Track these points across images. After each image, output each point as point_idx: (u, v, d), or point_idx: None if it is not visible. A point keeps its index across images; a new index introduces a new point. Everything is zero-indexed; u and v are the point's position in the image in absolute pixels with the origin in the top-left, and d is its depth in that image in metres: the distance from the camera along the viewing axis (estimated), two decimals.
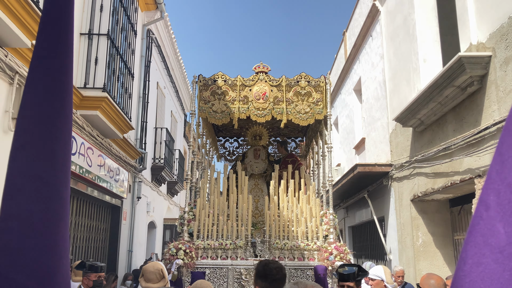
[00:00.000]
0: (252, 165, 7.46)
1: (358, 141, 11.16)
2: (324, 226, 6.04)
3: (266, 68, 6.64)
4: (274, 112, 6.34)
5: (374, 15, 9.69)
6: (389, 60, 8.68)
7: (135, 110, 9.81)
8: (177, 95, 15.89)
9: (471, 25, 5.55)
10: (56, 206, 0.89)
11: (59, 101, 0.93)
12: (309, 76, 6.56)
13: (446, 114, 6.22)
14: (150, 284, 4.22)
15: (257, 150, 7.57)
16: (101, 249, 8.66)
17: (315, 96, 6.44)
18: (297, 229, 5.98)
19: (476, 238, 0.72)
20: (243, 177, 6.42)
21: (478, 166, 5.33)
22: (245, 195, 6.18)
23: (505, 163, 0.71)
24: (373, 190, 9.44)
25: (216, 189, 6.40)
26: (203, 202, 6.19)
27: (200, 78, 6.53)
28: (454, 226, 7.37)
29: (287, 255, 5.79)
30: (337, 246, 5.67)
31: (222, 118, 6.38)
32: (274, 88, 6.45)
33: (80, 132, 6.58)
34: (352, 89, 12.14)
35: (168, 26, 12.54)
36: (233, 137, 8.55)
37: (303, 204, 6.16)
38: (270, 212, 6.07)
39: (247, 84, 6.46)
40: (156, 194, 12.88)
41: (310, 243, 5.83)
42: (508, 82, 4.68)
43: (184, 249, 5.56)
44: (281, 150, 8.22)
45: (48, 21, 0.94)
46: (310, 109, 6.42)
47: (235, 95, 6.41)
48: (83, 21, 6.81)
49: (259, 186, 7.43)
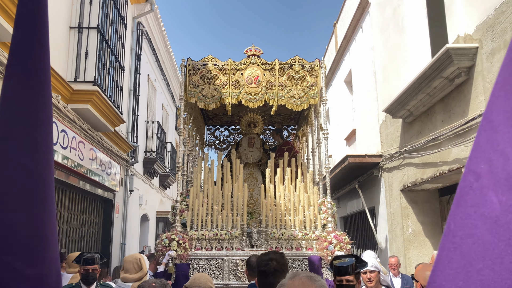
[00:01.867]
0: (246, 153, 7.28)
1: (349, 132, 11.25)
2: (322, 214, 5.90)
3: (258, 51, 6.40)
4: (267, 97, 6.13)
5: (364, 7, 9.74)
6: (379, 52, 8.74)
7: (126, 103, 9.79)
8: (168, 88, 15.85)
9: (458, 17, 5.62)
10: (41, 192, 0.93)
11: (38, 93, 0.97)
12: (303, 59, 6.33)
13: (434, 105, 6.31)
14: (127, 275, 4.14)
15: (251, 138, 7.39)
16: (94, 243, 8.68)
17: (309, 80, 6.24)
18: (295, 218, 5.84)
19: (466, 209, 0.68)
20: (238, 165, 6.25)
21: (466, 156, 5.42)
22: (240, 184, 6.02)
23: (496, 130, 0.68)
24: (364, 180, 9.54)
25: (210, 178, 6.23)
26: (197, 192, 5.99)
27: (189, 61, 6.27)
28: (444, 215, 7.49)
29: (285, 245, 5.64)
30: (336, 235, 5.51)
31: (212, 103, 6.14)
32: (266, 72, 6.22)
33: (71, 125, 6.58)
34: (343, 80, 12.20)
35: (158, 18, 12.48)
36: (223, 126, 8.31)
37: (301, 192, 6.01)
38: (266, 201, 5.91)
39: (239, 68, 6.22)
40: (149, 187, 12.90)
41: (308, 233, 5.69)
42: (495, 73, 4.76)
43: (177, 240, 5.36)
44: (277, 138, 8.03)
45: (23, 17, 0.97)
46: (304, 93, 6.21)
47: (226, 79, 6.18)
48: (73, 14, 6.78)
49: (254, 175, 7.26)
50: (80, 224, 7.90)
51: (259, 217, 6.17)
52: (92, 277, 4.14)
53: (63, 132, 6.17)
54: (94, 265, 4.14)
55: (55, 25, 6.12)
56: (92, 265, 4.13)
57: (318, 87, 6.25)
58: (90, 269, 4.11)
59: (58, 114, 6.11)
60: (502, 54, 4.61)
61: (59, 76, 6.03)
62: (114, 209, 9.34)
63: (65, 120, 6.36)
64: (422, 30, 7.04)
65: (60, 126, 6.10)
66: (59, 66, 6.23)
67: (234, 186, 6.03)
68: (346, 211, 11.79)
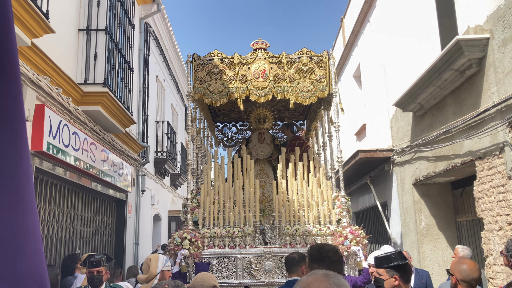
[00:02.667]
0: (257, 149, 7.15)
1: (359, 127, 11.19)
2: (336, 209, 5.79)
3: (265, 44, 6.23)
4: (275, 91, 5.97)
5: (371, 1, 9.66)
6: (388, 46, 8.67)
7: (136, 104, 9.85)
8: (177, 88, 15.90)
9: (468, 8, 5.55)
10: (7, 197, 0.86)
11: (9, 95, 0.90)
12: (311, 51, 6.14)
13: (445, 97, 6.24)
14: (140, 275, 4.22)
15: (261, 134, 7.25)
16: (107, 243, 8.75)
17: (318, 72, 6.07)
18: (308, 213, 5.71)
19: None
20: (248, 161, 6.14)
21: (479, 148, 5.37)
22: (251, 180, 5.89)
23: None
24: (375, 175, 9.49)
25: (220, 175, 6.13)
26: (208, 189, 5.86)
27: (194, 57, 6.13)
28: (457, 208, 7.43)
29: (299, 241, 5.53)
30: (352, 230, 5.42)
31: (219, 99, 6.00)
32: (274, 65, 6.06)
33: (82, 128, 6.63)
34: (351, 75, 12.13)
35: (165, 18, 12.51)
36: (231, 122, 8.16)
37: (314, 187, 5.88)
38: (278, 196, 5.79)
39: (245, 62, 6.07)
40: (160, 186, 12.96)
41: (323, 228, 5.58)
42: (507, 64, 4.70)
43: (190, 239, 5.25)
44: (287, 133, 7.85)
45: None
46: (313, 86, 6.05)
47: (232, 74, 6.03)
48: (81, 17, 6.83)
49: (265, 171, 7.13)
50: (94, 225, 7.97)
51: (272, 214, 6.07)
52: (98, 279, 4.10)
53: (74, 134, 6.22)
54: (99, 267, 4.11)
55: (64, 28, 6.16)
56: (96, 267, 4.09)
57: (327, 79, 6.09)
58: (95, 272, 4.09)
59: (69, 116, 6.16)
60: None
61: (69, 78, 6.07)
62: (127, 210, 9.41)
63: (76, 122, 6.41)
64: (431, 22, 6.97)
65: (72, 129, 6.15)
66: (69, 68, 6.27)
67: (246, 182, 5.93)
68: (358, 207, 11.74)
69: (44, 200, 5.98)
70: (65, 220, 6.67)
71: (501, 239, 4.93)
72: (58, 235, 6.45)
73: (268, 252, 5.41)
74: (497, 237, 5.03)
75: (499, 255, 4.89)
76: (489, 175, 5.17)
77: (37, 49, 5.13)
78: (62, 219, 6.58)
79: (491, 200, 5.13)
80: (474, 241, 6.69)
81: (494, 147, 5.02)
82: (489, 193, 5.19)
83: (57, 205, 6.39)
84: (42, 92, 5.33)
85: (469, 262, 2.97)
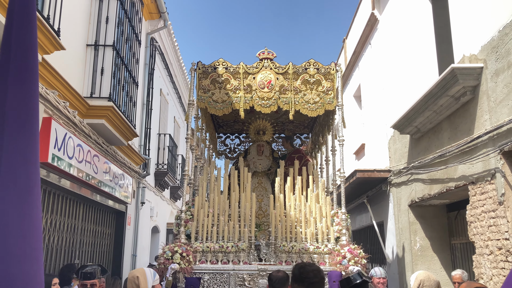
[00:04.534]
0: (255, 162, 6.99)
1: (358, 146, 11.34)
2: (335, 227, 5.62)
3: (271, 54, 6.13)
4: (280, 102, 5.85)
5: (373, 24, 9.89)
6: (387, 68, 8.87)
7: (139, 117, 10.03)
8: (180, 101, 16.12)
9: (464, 37, 5.75)
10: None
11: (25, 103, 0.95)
12: (318, 63, 6.06)
13: (441, 122, 6.40)
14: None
15: (260, 146, 7.11)
16: (106, 254, 8.85)
17: (325, 84, 5.97)
18: (306, 230, 5.53)
19: None
20: (245, 173, 5.99)
21: (472, 173, 5.51)
22: (248, 193, 5.73)
23: None
24: (373, 195, 9.61)
25: (216, 187, 5.93)
26: (202, 201, 5.67)
27: (199, 65, 6.03)
28: (451, 230, 7.53)
29: (295, 259, 5.32)
30: (350, 249, 5.24)
31: (223, 108, 5.89)
32: (280, 76, 5.96)
33: (86, 140, 6.79)
34: (352, 95, 12.33)
35: (171, 34, 12.77)
36: (234, 134, 8.01)
37: (312, 202, 5.71)
38: (275, 211, 5.60)
39: (251, 71, 5.97)
40: (160, 199, 13.08)
41: (321, 246, 5.41)
42: (499, 93, 4.87)
43: (181, 252, 5.07)
44: (287, 146, 7.72)
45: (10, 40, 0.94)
46: (319, 98, 5.94)
47: (237, 84, 5.92)
48: (90, 32, 7.04)
49: (263, 185, 6.95)
50: (93, 235, 8.08)
51: (268, 229, 5.92)
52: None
53: (79, 147, 6.38)
54: (93, 279, 3.78)
55: (73, 42, 6.36)
56: (90, 280, 3.76)
57: (334, 92, 5.98)
58: (88, 285, 3.75)
59: (74, 129, 6.33)
60: (506, 74, 4.72)
61: (75, 92, 6.26)
62: (126, 221, 9.52)
63: (80, 135, 6.57)
64: (429, 48, 7.17)
65: (76, 141, 6.31)
66: (76, 82, 6.46)
67: (242, 195, 5.75)
68: (355, 225, 11.83)
69: (47, 210, 6.11)
70: (65, 230, 6.79)
71: (491, 263, 5.04)
72: (58, 244, 6.56)
73: (262, 269, 5.23)
74: (487, 261, 5.14)
75: (489, 279, 5.00)
76: (481, 200, 5.30)
77: (47, 64, 5.32)
78: (63, 229, 6.70)
79: (483, 225, 5.26)
80: (467, 264, 6.79)
81: (486, 173, 5.16)
82: (480, 217, 5.32)
83: (58, 215, 6.52)
84: (50, 105, 5.50)
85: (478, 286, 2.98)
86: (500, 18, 4.85)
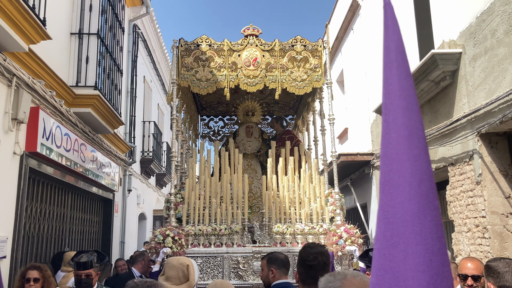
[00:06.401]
0: (244, 143, 6.85)
1: (342, 131, 11.55)
2: (329, 207, 5.49)
3: (256, 30, 5.93)
4: (267, 80, 5.66)
5: (355, 9, 10.02)
6: (369, 53, 9.03)
7: (124, 105, 10.02)
8: (163, 88, 16.06)
9: (443, 23, 5.92)
10: None
11: None
12: (305, 39, 5.87)
13: (422, 106, 6.60)
14: (168, 284, 3.07)
15: (249, 128, 6.96)
16: (94, 241, 8.92)
17: (312, 61, 5.79)
18: (300, 211, 5.39)
19: None
20: (236, 154, 5.80)
21: (451, 155, 5.73)
22: (239, 175, 5.56)
23: None
24: (356, 178, 9.85)
25: (206, 169, 5.76)
26: (193, 184, 5.47)
27: (181, 42, 5.80)
28: None
29: (290, 240, 5.21)
30: (347, 228, 5.11)
31: (207, 87, 5.67)
32: (266, 53, 5.75)
33: (73, 129, 6.80)
34: (335, 80, 12.49)
35: (153, 20, 12.68)
36: (218, 116, 7.83)
37: (306, 183, 5.57)
38: (268, 192, 5.43)
39: (235, 48, 5.74)
40: (146, 186, 13.13)
41: (316, 226, 5.27)
42: (476, 78, 5.07)
43: (173, 236, 4.92)
44: (277, 127, 7.57)
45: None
46: (307, 76, 5.75)
47: (222, 61, 5.69)
48: (73, 21, 6.99)
49: (253, 167, 6.83)
50: (82, 223, 8.13)
51: (261, 211, 5.78)
52: (86, 284, 3.49)
53: (66, 135, 6.40)
54: (88, 269, 3.50)
55: (57, 31, 6.33)
56: (84, 270, 3.49)
57: (321, 69, 5.84)
58: (83, 275, 3.48)
59: (61, 118, 6.34)
60: (483, 59, 4.92)
61: (61, 81, 6.25)
62: (114, 209, 9.58)
63: (67, 124, 6.59)
64: (410, 33, 7.33)
65: (64, 130, 6.33)
66: (61, 71, 6.45)
67: (233, 177, 5.59)
68: None
69: (36, 199, 6.15)
70: (55, 218, 6.84)
71: (469, 240, 5.30)
72: (48, 233, 6.62)
73: (256, 251, 5.14)
74: (465, 238, 5.40)
75: (467, 255, 5.26)
76: (460, 180, 5.54)
77: (33, 54, 5.31)
78: (52, 218, 6.75)
79: (461, 204, 5.51)
80: (447, 242, 7.08)
81: (464, 155, 5.39)
82: (459, 197, 5.56)
83: (48, 204, 6.56)
84: (37, 95, 5.51)
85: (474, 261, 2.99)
86: (477, 5, 5.02)
